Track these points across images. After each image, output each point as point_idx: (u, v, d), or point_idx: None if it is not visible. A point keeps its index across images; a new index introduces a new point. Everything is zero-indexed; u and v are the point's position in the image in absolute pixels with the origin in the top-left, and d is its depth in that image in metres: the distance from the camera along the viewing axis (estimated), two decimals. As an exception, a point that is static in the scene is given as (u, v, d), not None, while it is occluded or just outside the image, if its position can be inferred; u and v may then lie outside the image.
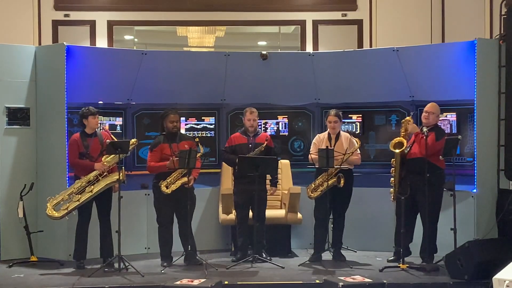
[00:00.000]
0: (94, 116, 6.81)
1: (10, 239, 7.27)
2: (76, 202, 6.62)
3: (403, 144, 6.70)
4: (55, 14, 9.92)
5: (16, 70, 7.39)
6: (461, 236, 6.48)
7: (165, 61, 7.95)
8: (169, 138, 6.99)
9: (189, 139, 7.13)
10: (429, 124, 6.82)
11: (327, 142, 7.15)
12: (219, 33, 10.77)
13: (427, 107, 6.89)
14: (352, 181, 7.17)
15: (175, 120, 7.01)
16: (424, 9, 9.99)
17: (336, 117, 7.13)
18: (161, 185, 6.78)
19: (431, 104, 6.90)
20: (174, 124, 7.00)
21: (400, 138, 6.75)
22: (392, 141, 6.78)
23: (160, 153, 6.92)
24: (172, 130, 6.99)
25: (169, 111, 7.06)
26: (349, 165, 7.09)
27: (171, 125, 6.99)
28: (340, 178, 6.95)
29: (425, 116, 6.84)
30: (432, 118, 6.82)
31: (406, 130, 6.82)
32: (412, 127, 6.82)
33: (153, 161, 6.92)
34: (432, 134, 6.69)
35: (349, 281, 5.88)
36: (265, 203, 7.21)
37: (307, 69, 8.07)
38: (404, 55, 7.75)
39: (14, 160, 7.35)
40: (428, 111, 6.83)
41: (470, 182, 7.23)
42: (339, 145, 7.08)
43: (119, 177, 6.58)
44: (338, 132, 7.20)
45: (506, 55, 7.17)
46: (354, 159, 7.07)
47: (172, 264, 6.93)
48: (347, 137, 7.22)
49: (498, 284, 5.04)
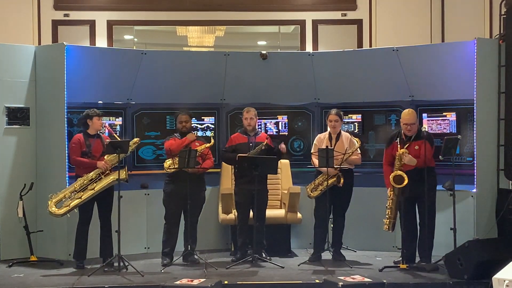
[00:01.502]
0: (99, 118, 6.86)
1: (10, 239, 7.27)
2: (78, 200, 6.63)
3: (404, 178, 6.49)
4: (54, 14, 9.92)
5: (16, 70, 7.39)
6: (461, 235, 6.49)
7: (164, 61, 7.95)
8: (180, 138, 7.08)
9: (200, 140, 7.21)
10: (412, 134, 6.70)
11: (328, 142, 7.14)
12: (218, 33, 10.77)
13: (408, 118, 6.66)
14: (352, 181, 7.17)
15: (184, 121, 7.12)
16: (424, 9, 9.99)
17: (337, 116, 7.13)
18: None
19: (409, 113, 6.70)
20: (183, 124, 7.11)
21: (400, 173, 6.54)
22: (391, 176, 6.56)
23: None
24: (182, 130, 7.11)
25: (179, 112, 7.22)
26: (350, 165, 7.08)
27: (180, 125, 7.13)
28: (340, 178, 6.95)
29: (407, 128, 6.67)
30: (414, 128, 6.70)
31: (401, 161, 6.58)
32: (409, 159, 6.57)
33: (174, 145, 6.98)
34: (426, 144, 6.56)
35: (349, 281, 5.87)
36: (265, 203, 7.21)
37: (307, 69, 8.07)
38: (404, 55, 7.75)
39: (14, 160, 7.35)
40: (409, 123, 6.65)
41: (470, 182, 7.23)
42: (339, 145, 7.08)
43: (119, 176, 6.57)
44: (339, 132, 7.20)
45: (506, 54, 7.17)
46: (354, 159, 7.07)
47: (172, 263, 6.93)
48: (347, 137, 7.21)
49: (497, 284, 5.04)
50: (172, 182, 6.98)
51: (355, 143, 7.09)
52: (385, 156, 6.88)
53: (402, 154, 6.57)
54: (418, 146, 6.65)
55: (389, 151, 6.77)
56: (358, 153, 7.14)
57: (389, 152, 6.77)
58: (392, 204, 6.72)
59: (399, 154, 6.58)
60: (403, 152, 6.58)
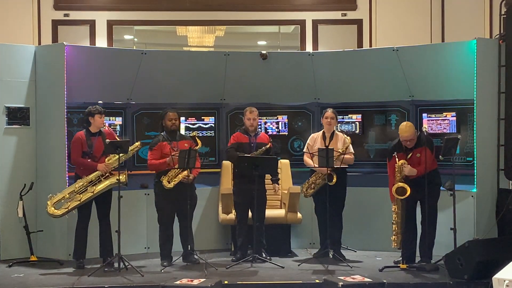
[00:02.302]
0: (101, 115, 6.83)
1: (10, 239, 7.26)
2: (77, 202, 6.62)
3: (407, 190, 6.46)
4: (54, 14, 9.92)
5: (16, 69, 7.39)
6: (461, 235, 6.48)
7: (164, 60, 7.95)
8: (168, 137, 7.00)
9: (189, 139, 7.14)
10: (412, 145, 6.65)
11: (322, 141, 7.16)
12: (219, 33, 10.78)
13: (406, 136, 6.57)
14: (346, 180, 7.17)
15: (173, 118, 7.03)
16: (424, 9, 9.99)
17: (333, 114, 7.18)
18: (163, 180, 6.78)
19: (407, 129, 6.59)
20: (173, 122, 7.02)
21: (402, 184, 6.50)
22: (394, 188, 6.53)
23: (160, 151, 6.92)
24: (171, 128, 7.01)
25: (168, 110, 7.11)
26: (343, 164, 7.06)
27: (170, 123, 7.01)
28: (332, 176, 6.92)
29: (408, 144, 6.62)
30: (413, 141, 6.64)
31: (401, 173, 6.55)
32: (409, 170, 6.54)
33: (153, 159, 6.92)
34: (426, 150, 6.53)
35: (349, 280, 5.88)
36: (265, 203, 7.21)
37: (307, 69, 8.07)
38: (404, 54, 7.75)
39: (13, 159, 7.35)
40: (408, 139, 6.58)
41: (470, 182, 7.22)
42: (333, 144, 7.11)
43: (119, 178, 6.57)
44: (333, 131, 7.22)
45: (506, 54, 7.17)
46: (347, 158, 7.06)
47: (172, 264, 6.93)
48: (341, 136, 7.24)
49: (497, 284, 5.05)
50: (161, 184, 6.84)
51: (346, 141, 7.11)
52: (389, 169, 6.78)
53: (402, 166, 6.53)
54: (419, 153, 6.60)
55: (392, 163, 6.67)
56: (351, 153, 7.14)
57: (392, 165, 6.67)
58: (398, 218, 6.68)
59: (399, 166, 6.54)
60: (402, 163, 6.54)
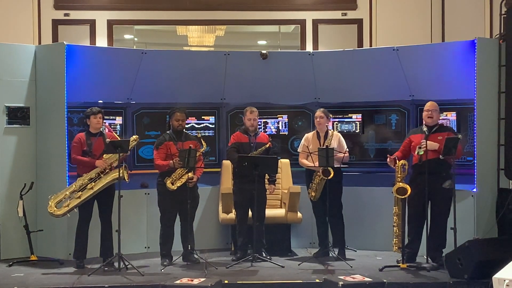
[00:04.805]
0: (95, 116, 6.81)
1: (10, 238, 7.26)
2: (78, 200, 6.63)
3: (407, 190, 6.51)
4: (55, 13, 9.92)
5: (16, 69, 7.39)
6: (461, 235, 6.47)
7: (165, 60, 7.95)
8: (174, 136, 7.01)
9: (194, 139, 7.14)
10: (433, 123, 6.75)
11: (316, 140, 7.17)
12: (219, 33, 10.77)
13: (429, 105, 6.80)
14: (341, 179, 7.17)
15: (181, 119, 7.03)
16: (424, 9, 9.99)
17: (322, 113, 7.21)
18: (167, 182, 6.79)
19: (431, 102, 6.84)
20: (180, 122, 7.02)
21: (403, 184, 6.54)
22: (394, 188, 6.57)
23: (165, 150, 6.93)
24: (178, 128, 7.02)
25: (176, 109, 7.09)
26: (338, 162, 7.05)
27: (177, 123, 7.01)
28: (328, 171, 6.88)
29: (428, 115, 6.74)
30: (436, 116, 6.77)
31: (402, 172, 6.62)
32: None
33: (160, 159, 6.92)
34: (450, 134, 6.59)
35: (349, 280, 5.88)
36: (265, 202, 7.21)
37: (307, 69, 8.07)
38: (404, 54, 7.75)
39: (14, 159, 7.35)
40: (431, 109, 6.75)
41: (470, 181, 7.22)
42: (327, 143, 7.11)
43: (119, 174, 6.57)
44: (326, 130, 7.23)
45: (506, 54, 7.17)
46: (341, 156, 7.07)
47: (172, 263, 6.93)
48: (337, 135, 7.27)
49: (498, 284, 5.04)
50: (165, 184, 6.87)
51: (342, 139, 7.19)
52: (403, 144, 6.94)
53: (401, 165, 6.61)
54: (441, 137, 6.63)
55: (407, 141, 6.84)
56: (346, 150, 7.16)
57: (407, 141, 6.84)
58: (399, 220, 6.70)
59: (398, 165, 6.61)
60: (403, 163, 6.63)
